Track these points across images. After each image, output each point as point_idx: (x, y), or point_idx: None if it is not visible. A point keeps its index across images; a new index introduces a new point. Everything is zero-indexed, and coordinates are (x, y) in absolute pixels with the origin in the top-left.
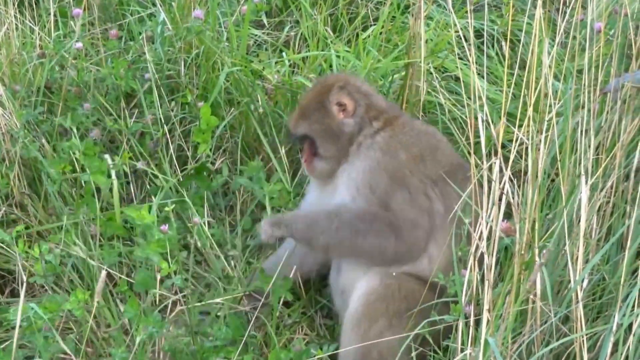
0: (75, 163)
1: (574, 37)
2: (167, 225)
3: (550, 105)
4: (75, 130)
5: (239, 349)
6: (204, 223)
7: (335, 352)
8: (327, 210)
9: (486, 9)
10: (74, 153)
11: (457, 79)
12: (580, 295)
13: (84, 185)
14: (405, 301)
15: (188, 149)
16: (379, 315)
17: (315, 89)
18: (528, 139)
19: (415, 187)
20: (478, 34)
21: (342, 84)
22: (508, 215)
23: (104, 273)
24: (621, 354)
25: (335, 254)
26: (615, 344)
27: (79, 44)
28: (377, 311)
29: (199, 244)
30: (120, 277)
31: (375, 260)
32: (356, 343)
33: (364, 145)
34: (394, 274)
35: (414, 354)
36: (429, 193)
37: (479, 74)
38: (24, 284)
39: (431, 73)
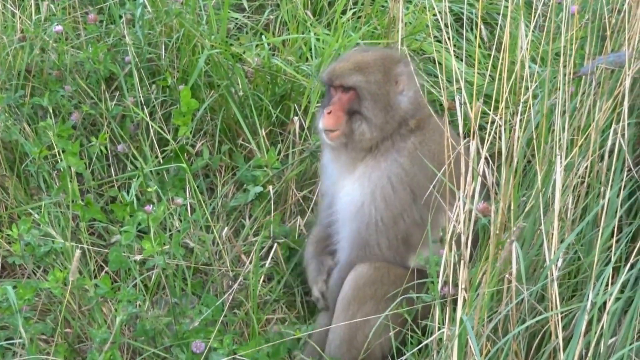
0: (55, 146)
1: (552, 20)
2: (150, 206)
3: (526, 87)
4: (51, 109)
5: (218, 328)
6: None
7: (311, 332)
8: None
9: None
10: (49, 133)
11: (434, 61)
12: (555, 274)
13: (63, 168)
14: (394, 286)
15: (168, 132)
16: (367, 298)
17: (379, 54)
18: (505, 121)
19: (430, 203)
20: (458, 17)
21: (407, 62)
22: (488, 196)
23: (78, 252)
24: (595, 332)
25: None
26: (590, 323)
27: (59, 27)
28: (366, 294)
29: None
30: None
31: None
32: (344, 326)
33: (395, 145)
34: None
35: (392, 333)
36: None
37: (457, 56)
38: None
39: (409, 55)
